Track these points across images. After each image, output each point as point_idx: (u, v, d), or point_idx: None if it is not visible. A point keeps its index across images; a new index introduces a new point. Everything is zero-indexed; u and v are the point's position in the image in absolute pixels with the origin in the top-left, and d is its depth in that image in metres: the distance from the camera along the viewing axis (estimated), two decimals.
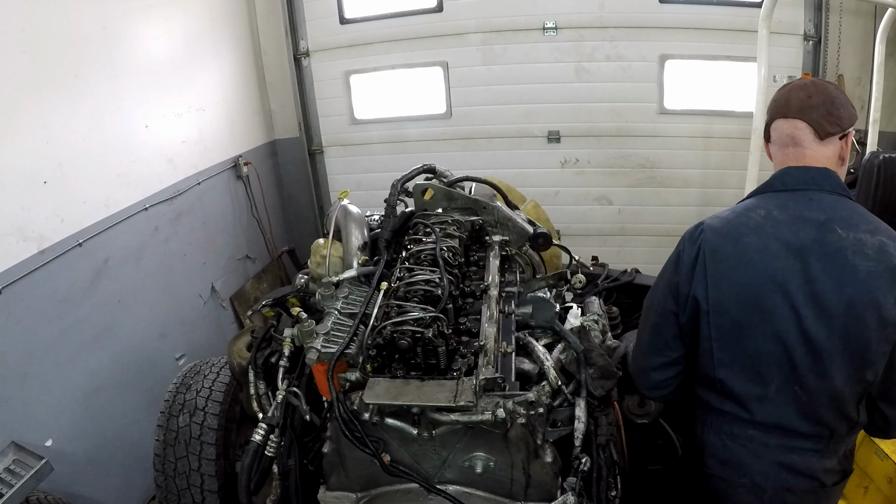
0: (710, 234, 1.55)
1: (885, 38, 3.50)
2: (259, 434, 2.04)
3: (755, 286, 1.49)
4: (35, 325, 2.80)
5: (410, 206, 2.55)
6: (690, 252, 1.58)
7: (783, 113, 1.54)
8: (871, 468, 2.45)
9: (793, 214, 1.49)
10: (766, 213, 1.52)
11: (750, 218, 1.53)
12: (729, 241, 1.53)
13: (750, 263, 1.49)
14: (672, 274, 1.62)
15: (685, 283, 1.58)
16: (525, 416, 1.65)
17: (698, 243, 1.57)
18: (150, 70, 3.77)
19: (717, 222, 1.57)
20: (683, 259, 1.59)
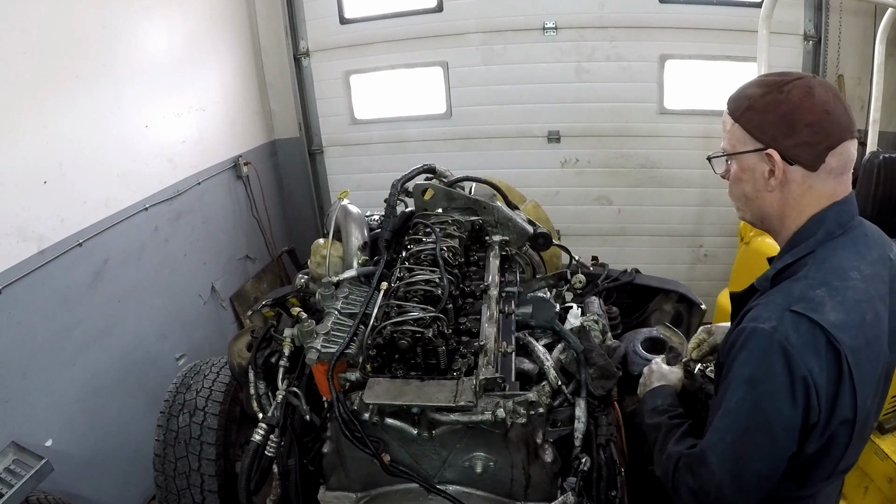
0: (840, 334, 1.15)
1: (885, 38, 3.50)
2: (259, 434, 2.04)
3: (877, 365, 1.24)
4: (35, 325, 2.80)
5: (410, 206, 2.55)
6: (820, 370, 1.15)
7: (851, 131, 1.22)
8: (871, 468, 2.45)
9: (871, 261, 1.25)
10: (860, 275, 1.22)
11: (856, 289, 1.20)
12: (859, 333, 1.18)
13: (876, 344, 1.22)
14: (789, 407, 1.16)
15: (825, 410, 1.17)
16: (525, 416, 1.65)
17: (824, 354, 1.15)
18: (150, 70, 3.77)
19: (835, 314, 1.16)
20: (815, 382, 1.14)
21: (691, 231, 4.96)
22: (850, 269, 1.22)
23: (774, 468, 1.23)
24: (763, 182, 1.27)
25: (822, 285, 1.19)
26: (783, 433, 1.18)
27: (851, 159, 1.24)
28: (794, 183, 1.24)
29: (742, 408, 1.21)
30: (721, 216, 4.80)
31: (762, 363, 1.17)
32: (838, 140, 1.21)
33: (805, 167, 1.22)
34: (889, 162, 2.78)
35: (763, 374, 1.17)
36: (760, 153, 1.25)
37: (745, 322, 1.24)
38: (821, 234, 1.25)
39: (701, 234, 4.96)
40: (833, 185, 1.25)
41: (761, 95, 1.25)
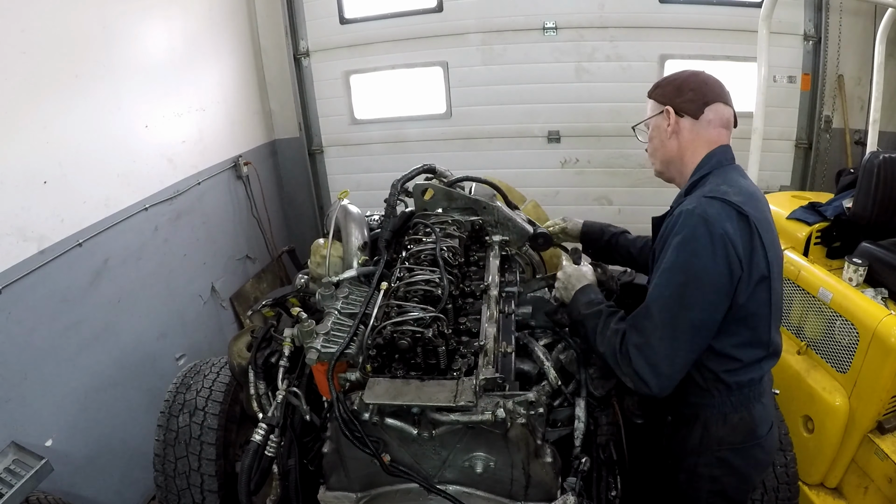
0: (744, 206, 1.56)
1: (885, 38, 3.49)
2: (259, 434, 2.04)
3: (776, 238, 1.65)
4: (35, 325, 2.80)
5: (410, 206, 2.55)
6: (734, 230, 1.53)
7: (724, 99, 1.73)
8: (871, 468, 2.45)
9: (751, 184, 1.71)
10: (748, 184, 1.68)
11: (747, 185, 1.66)
12: (757, 209, 1.60)
13: (771, 222, 1.65)
14: (711, 260, 1.51)
15: (744, 261, 1.54)
16: (525, 416, 1.65)
17: (736, 219, 1.54)
18: (150, 70, 3.77)
19: (737, 197, 1.58)
20: (730, 238, 1.52)
21: None
22: (739, 178, 1.68)
23: (706, 319, 1.55)
24: (665, 133, 1.76)
25: (723, 184, 1.63)
26: (710, 285, 1.53)
27: (726, 117, 1.74)
28: (685, 130, 1.74)
29: (676, 266, 1.56)
30: None
31: (689, 230, 1.54)
32: (713, 99, 1.71)
33: (690, 116, 1.72)
34: (889, 162, 2.78)
35: (690, 237, 1.54)
36: (662, 113, 1.75)
37: (674, 210, 1.67)
38: (714, 162, 1.71)
39: None
40: (715, 134, 1.72)
41: (664, 79, 1.81)
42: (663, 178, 1.88)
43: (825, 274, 2.70)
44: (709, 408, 1.70)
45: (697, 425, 1.72)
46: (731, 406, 1.68)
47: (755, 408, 1.69)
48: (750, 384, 1.68)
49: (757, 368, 1.67)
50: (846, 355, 2.49)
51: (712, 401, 1.69)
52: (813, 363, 2.67)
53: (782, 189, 4.72)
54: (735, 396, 1.68)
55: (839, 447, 2.51)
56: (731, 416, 1.68)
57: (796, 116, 4.65)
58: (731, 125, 1.76)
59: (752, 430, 1.69)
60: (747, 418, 1.69)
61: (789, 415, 2.59)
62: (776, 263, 1.63)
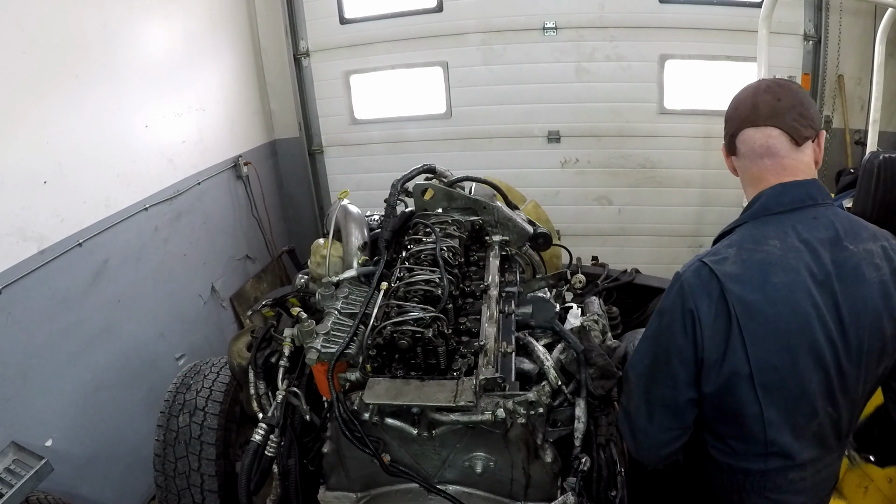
0: (731, 284, 1.30)
1: (885, 38, 3.50)
2: (259, 434, 2.04)
3: (796, 330, 1.30)
4: (35, 325, 2.80)
5: (410, 206, 2.55)
6: (708, 310, 1.32)
7: (752, 121, 1.37)
8: (870, 468, 2.45)
9: (806, 238, 1.33)
10: (781, 244, 1.32)
11: (768, 253, 1.32)
12: (757, 288, 1.30)
13: (785, 305, 1.30)
14: (681, 338, 1.35)
15: (710, 348, 1.33)
16: (525, 416, 1.65)
17: (716, 298, 1.31)
18: (150, 70, 3.77)
19: (734, 268, 1.32)
20: (700, 319, 1.32)
21: (691, 231, 4.96)
22: (770, 238, 1.34)
23: (675, 396, 1.40)
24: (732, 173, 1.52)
25: (734, 246, 1.37)
26: (678, 362, 1.37)
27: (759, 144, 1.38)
28: (737, 168, 1.48)
29: (653, 335, 1.45)
30: (721, 216, 4.80)
31: (668, 299, 1.40)
32: (738, 128, 1.40)
33: (732, 154, 1.46)
34: (889, 162, 2.78)
35: (667, 308, 1.40)
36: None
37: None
38: (755, 208, 1.41)
39: (701, 234, 4.96)
40: (757, 168, 1.40)
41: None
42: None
43: None
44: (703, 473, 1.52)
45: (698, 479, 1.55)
46: (720, 485, 1.48)
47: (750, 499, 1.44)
48: (746, 473, 1.43)
49: (757, 461, 1.41)
50: None
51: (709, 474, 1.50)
52: None
53: None
54: (724, 477, 1.47)
55: None
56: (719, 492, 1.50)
57: None
58: (779, 149, 1.36)
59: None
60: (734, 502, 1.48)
61: None
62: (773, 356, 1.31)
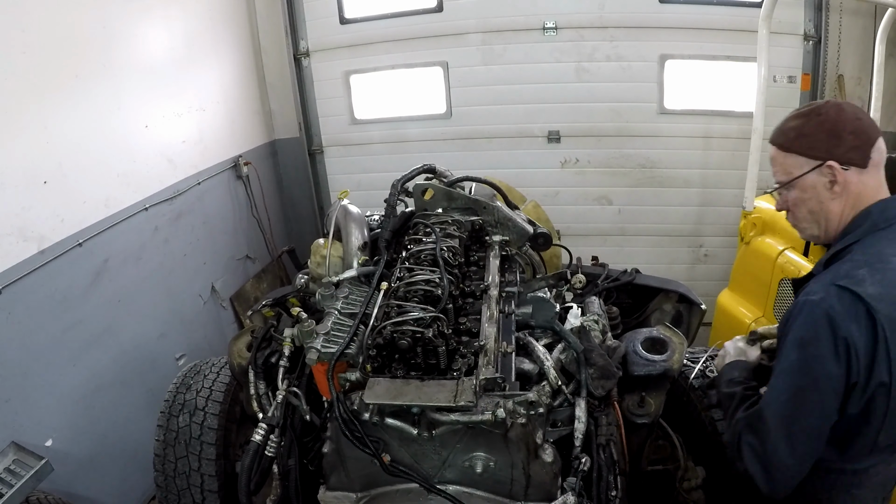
0: (878, 304, 1.31)
1: (885, 38, 3.50)
2: (259, 434, 2.04)
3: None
4: (35, 325, 2.81)
5: (410, 206, 2.55)
6: (859, 335, 1.31)
7: (879, 131, 1.45)
8: None
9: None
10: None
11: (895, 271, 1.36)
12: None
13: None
14: (833, 366, 1.33)
15: (863, 372, 1.33)
16: (525, 416, 1.65)
17: (864, 321, 1.32)
18: (150, 70, 3.77)
19: (874, 288, 1.33)
20: (855, 345, 1.31)
21: (691, 231, 4.97)
22: (891, 256, 1.38)
23: (822, 425, 1.38)
24: (826, 193, 1.46)
25: (864, 266, 1.37)
26: (830, 390, 1.34)
27: (885, 153, 1.46)
28: (852, 184, 1.44)
29: (794, 368, 1.38)
30: (721, 216, 4.80)
31: (811, 328, 1.35)
32: (875, 137, 1.44)
33: (858, 166, 1.43)
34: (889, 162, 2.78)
35: (811, 338, 1.35)
36: (819, 168, 1.44)
37: (799, 297, 1.43)
38: (867, 225, 1.43)
39: (701, 234, 4.96)
40: (878, 178, 1.46)
41: (805, 123, 1.47)
42: (817, 243, 1.60)
43: None
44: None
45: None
46: (811, 488, 1.48)
47: (838, 497, 1.49)
48: (840, 473, 1.47)
49: (854, 463, 1.46)
50: None
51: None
52: None
53: None
54: (818, 481, 1.47)
55: None
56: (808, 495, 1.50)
57: None
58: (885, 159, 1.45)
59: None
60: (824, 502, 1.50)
61: None
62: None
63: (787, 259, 2.91)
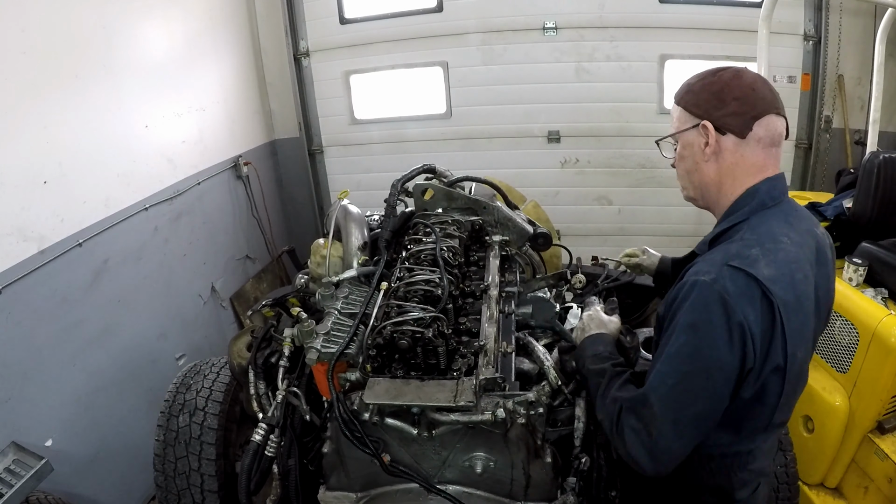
0: (772, 286, 1.26)
1: (885, 38, 3.49)
2: (259, 434, 2.04)
3: (810, 321, 1.37)
4: (35, 325, 2.80)
5: (410, 206, 2.55)
6: (755, 318, 1.26)
7: (776, 108, 1.38)
8: (871, 468, 2.45)
9: (799, 231, 1.38)
10: (790, 240, 1.35)
11: (787, 251, 1.33)
12: (790, 288, 1.30)
13: (807, 301, 1.34)
14: (726, 353, 1.26)
15: (759, 357, 1.28)
16: (525, 416, 1.65)
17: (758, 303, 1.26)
18: (150, 70, 3.77)
19: (768, 270, 1.28)
20: (751, 330, 1.25)
21: (691, 231, 4.96)
22: (780, 235, 1.34)
23: (712, 410, 1.33)
24: (700, 154, 1.42)
25: (756, 245, 1.31)
26: (720, 377, 1.28)
27: (778, 133, 1.39)
28: (727, 151, 1.39)
29: (683, 353, 1.30)
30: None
31: (703, 311, 1.27)
32: (763, 111, 1.36)
33: (735, 134, 1.37)
34: (889, 162, 2.78)
35: (703, 322, 1.27)
36: (697, 128, 1.41)
37: (687, 276, 1.34)
38: (754, 203, 1.38)
39: (701, 234, 4.91)
40: (763, 156, 1.39)
41: (698, 80, 1.44)
42: (696, 205, 1.56)
43: None
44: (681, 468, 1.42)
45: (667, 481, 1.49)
46: (708, 473, 1.47)
47: (737, 476, 1.47)
48: (734, 456, 1.45)
49: (747, 443, 1.44)
50: (846, 355, 2.49)
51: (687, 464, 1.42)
52: (813, 363, 2.66)
53: None
54: (714, 465, 1.46)
55: (839, 447, 2.51)
56: (706, 481, 1.48)
57: (796, 116, 4.65)
58: (781, 142, 1.41)
59: (727, 495, 1.48)
60: (724, 485, 1.48)
61: None
62: (800, 349, 1.34)
63: None
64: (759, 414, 1.38)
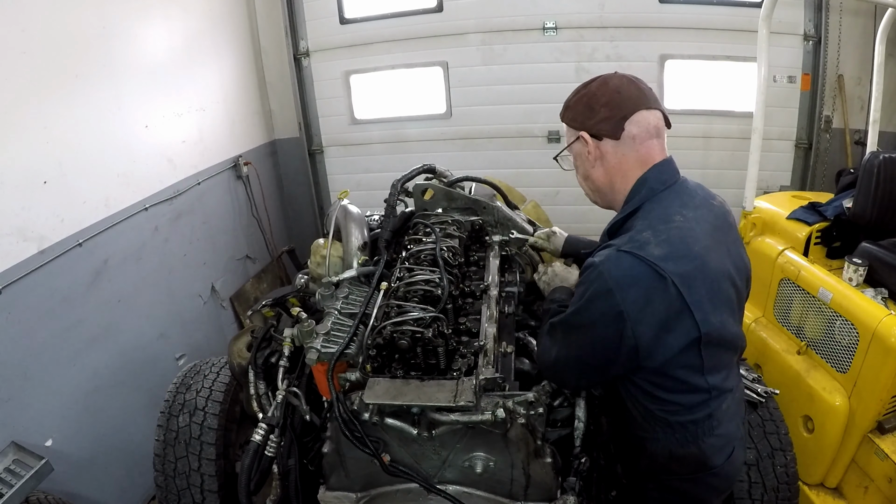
0: (664, 264, 1.34)
1: (885, 38, 3.49)
2: (259, 434, 2.04)
3: (722, 287, 1.46)
4: (35, 325, 2.80)
5: (410, 206, 2.55)
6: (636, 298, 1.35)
7: (644, 103, 1.48)
8: (871, 468, 2.45)
9: (695, 205, 1.50)
10: (683, 217, 1.45)
11: (681, 227, 1.42)
12: (687, 260, 1.39)
13: (710, 269, 1.42)
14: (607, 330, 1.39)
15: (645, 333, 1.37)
16: (525, 416, 1.65)
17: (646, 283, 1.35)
18: (150, 70, 3.77)
19: (659, 249, 1.37)
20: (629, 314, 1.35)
21: None
22: (673, 214, 1.44)
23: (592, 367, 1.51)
24: (588, 161, 1.56)
25: (647, 230, 1.41)
26: (600, 346, 1.44)
27: (653, 125, 1.49)
28: (609, 154, 1.52)
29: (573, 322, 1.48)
30: None
31: (587, 291, 1.41)
32: (631, 110, 1.47)
33: (610, 137, 1.49)
34: (889, 162, 2.78)
35: (589, 301, 1.41)
36: (579, 140, 1.55)
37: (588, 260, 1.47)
38: (644, 191, 1.49)
39: None
40: (644, 150, 1.49)
41: (573, 95, 1.59)
42: (601, 206, 1.67)
43: (825, 274, 2.70)
44: (652, 441, 1.56)
45: (643, 456, 1.61)
46: (677, 442, 1.54)
47: (705, 442, 1.54)
48: (695, 423, 1.52)
49: (702, 408, 1.51)
50: (846, 355, 2.49)
51: (655, 436, 1.56)
52: (813, 363, 2.67)
53: (782, 189, 4.72)
54: (680, 434, 1.54)
55: (839, 447, 2.51)
56: (676, 451, 1.55)
57: (796, 116, 4.65)
58: (663, 130, 1.52)
59: (702, 463, 1.56)
60: (696, 453, 1.55)
61: (789, 415, 2.59)
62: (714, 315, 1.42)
63: (787, 259, 2.91)
64: (693, 380, 1.46)
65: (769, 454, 2.19)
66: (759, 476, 2.16)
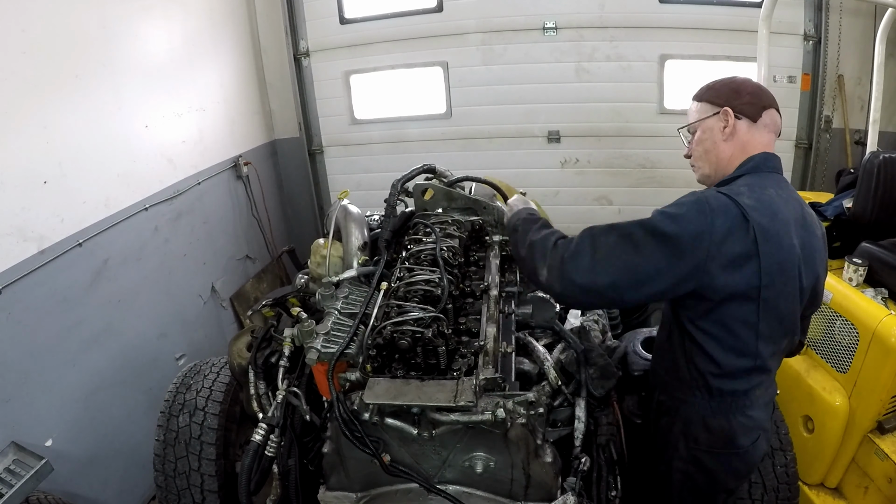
0: (751, 211, 1.48)
1: (885, 38, 3.49)
2: (259, 434, 2.04)
3: (790, 260, 1.56)
4: (35, 325, 2.80)
5: (410, 206, 2.55)
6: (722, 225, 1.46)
7: (777, 107, 1.73)
8: (871, 468, 2.45)
9: (782, 194, 1.62)
10: (776, 193, 1.60)
11: (771, 196, 1.57)
12: (770, 218, 1.51)
13: (786, 237, 1.55)
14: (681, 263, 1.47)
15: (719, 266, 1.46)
16: (525, 416, 1.65)
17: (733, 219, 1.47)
18: (150, 70, 3.77)
19: (750, 200, 1.51)
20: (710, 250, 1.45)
21: None
22: (767, 187, 1.60)
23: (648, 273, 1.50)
24: (720, 134, 1.70)
25: (743, 186, 1.59)
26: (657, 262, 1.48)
27: (778, 124, 1.73)
28: (741, 132, 1.69)
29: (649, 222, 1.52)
30: None
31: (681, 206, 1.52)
32: (769, 104, 1.71)
33: (749, 118, 1.69)
34: (889, 162, 2.78)
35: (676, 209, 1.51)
36: (718, 114, 1.71)
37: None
38: (750, 165, 1.67)
39: None
40: (766, 139, 1.70)
41: (717, 81, 1.77)
42: (706, 184, 1.77)
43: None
44: (689, 405, 1.69)
45: (678, 419, 1.72)
46: (710, 411, 1.66)
47: (736, 419, 1.66)
48: (733, 394, 1.64)
49: (742, 380, 1.63)
50: (846, 355, 2.49)
51: (693, 399, 1.68)
52: (813, 363, 2.67)
53: None
54: (716, 402, 1.65)
55: (839, 447, 2.51)
56: (709, 421, 1.67)
57: (796, 116, 4.65)
58: (779, 133, 1.75)
59: (730, 440, 1.67)
60: (726, 427, 1.66)
61: (789, 415, 2.59)
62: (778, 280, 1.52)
63: None
64: (738, 334, 1.56)
65: (769, 454, 2.19)
66: (759, 476, 2.16)
